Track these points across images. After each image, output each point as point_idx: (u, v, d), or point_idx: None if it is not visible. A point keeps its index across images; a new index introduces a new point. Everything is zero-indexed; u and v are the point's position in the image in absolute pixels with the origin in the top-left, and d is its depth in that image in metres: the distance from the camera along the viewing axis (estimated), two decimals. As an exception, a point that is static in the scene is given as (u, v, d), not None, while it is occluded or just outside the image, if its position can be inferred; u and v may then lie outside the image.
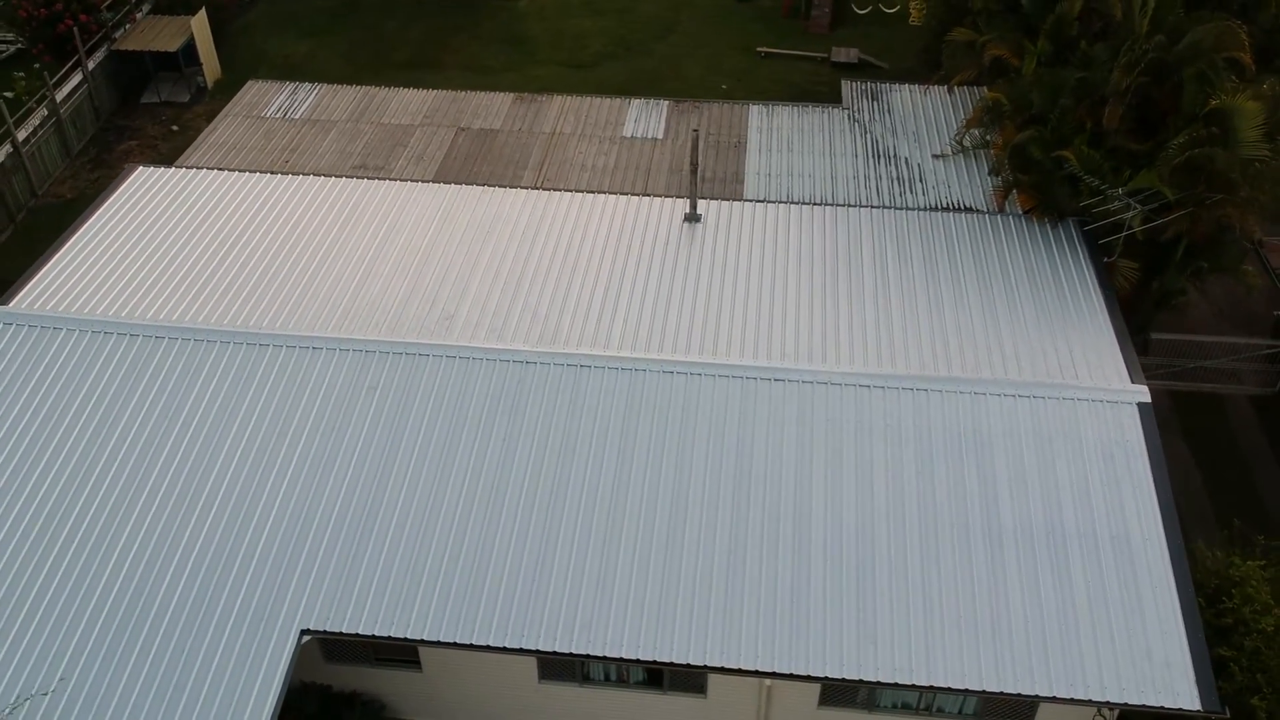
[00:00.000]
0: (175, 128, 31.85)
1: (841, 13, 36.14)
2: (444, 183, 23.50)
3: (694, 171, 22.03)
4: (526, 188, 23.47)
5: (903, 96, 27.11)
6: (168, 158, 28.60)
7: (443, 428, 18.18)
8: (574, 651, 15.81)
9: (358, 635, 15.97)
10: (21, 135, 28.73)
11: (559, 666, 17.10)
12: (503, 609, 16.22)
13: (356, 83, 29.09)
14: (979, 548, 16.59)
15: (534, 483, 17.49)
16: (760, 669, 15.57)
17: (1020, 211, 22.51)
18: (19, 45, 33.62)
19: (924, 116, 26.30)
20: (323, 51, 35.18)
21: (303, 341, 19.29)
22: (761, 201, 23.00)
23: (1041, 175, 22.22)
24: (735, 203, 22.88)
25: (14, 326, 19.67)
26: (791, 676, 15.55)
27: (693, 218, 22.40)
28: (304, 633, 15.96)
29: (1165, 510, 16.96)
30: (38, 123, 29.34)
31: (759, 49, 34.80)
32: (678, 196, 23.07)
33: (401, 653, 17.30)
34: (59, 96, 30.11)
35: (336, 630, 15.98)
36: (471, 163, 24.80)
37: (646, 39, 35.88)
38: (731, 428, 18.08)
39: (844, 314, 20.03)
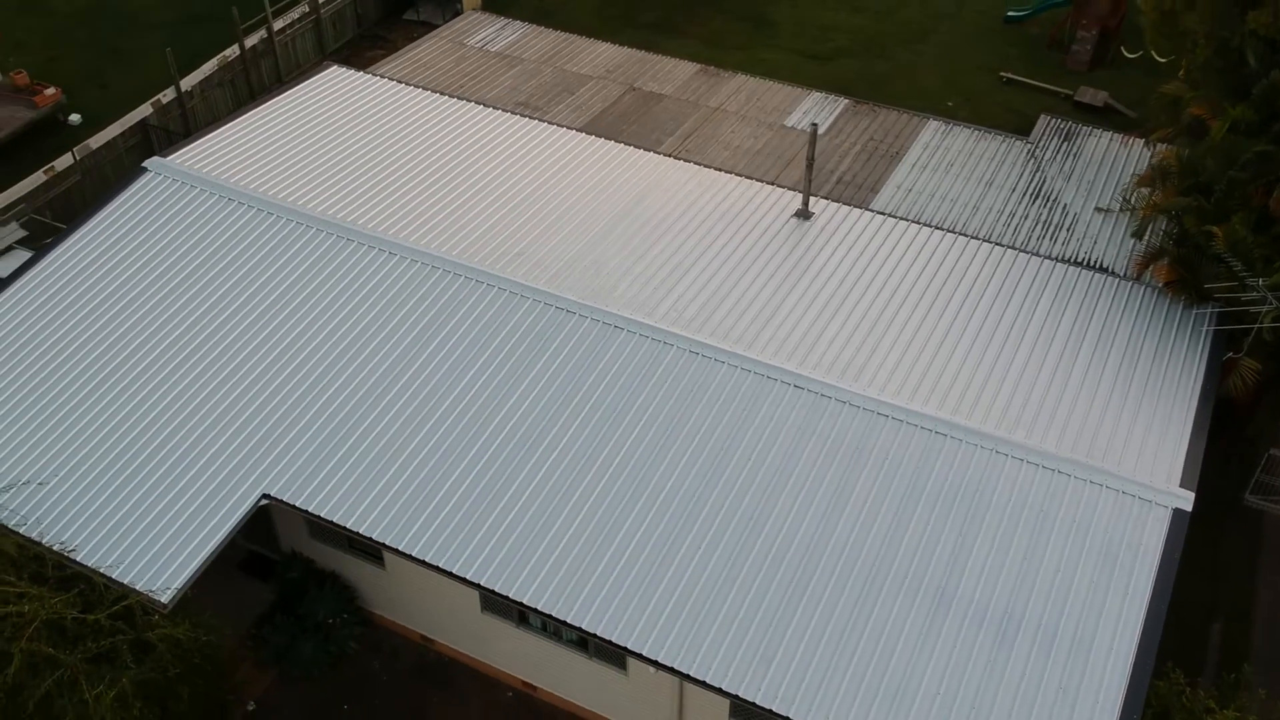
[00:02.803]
0: (421, 45, 34.13)
1: (1109, 53, 33.44)
2: (588, 134, 24.00)
3: (808, 167, 21.39)
4: (660, 153, 23.56)
5: (1098, 143, 25.02)
6: (395, 70, 30.81)
7: (464, 349, 18.79)
8: (485, 585, 16.06)
9: (308, 513, 16.96)
10: (278, 25, 31.75)
11: (499, 602, 17.39)
12: (450, 531, 16.63)
13: (597, 36, 30.08)
14: (922, 606, 15.41)
15: (519, 421, 17.80)
16: (646, 654, 15.24)
17: (1158, 284, 20.35)
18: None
19: (1109, 167, 24.16)
20: (577, 0, 36.48)
21: (379, 243, 20.45)
22: (883, 214, 22.00)
23: (1191, 250, 20.00)
24: (855, 209, 22.02)
25: (159, 176, 22.04)
26: (673, 670, 15.14)
27: (803, 214, 21.79)
28: (264, 496, 17.13)
29: (1148, 630, 15.08)
30: (296, 17, 32.31)
31: (1003, 73, 32.93)
32: (803, 192, 22.43)
33: (368, 546, 18.16)
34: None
35: (292, 503, 17.02)
36: (624, 121, 25.18)
37: (894, 43, 34.77)
38: (727, 420, 17.64)
39: (902, 341, 18.96)
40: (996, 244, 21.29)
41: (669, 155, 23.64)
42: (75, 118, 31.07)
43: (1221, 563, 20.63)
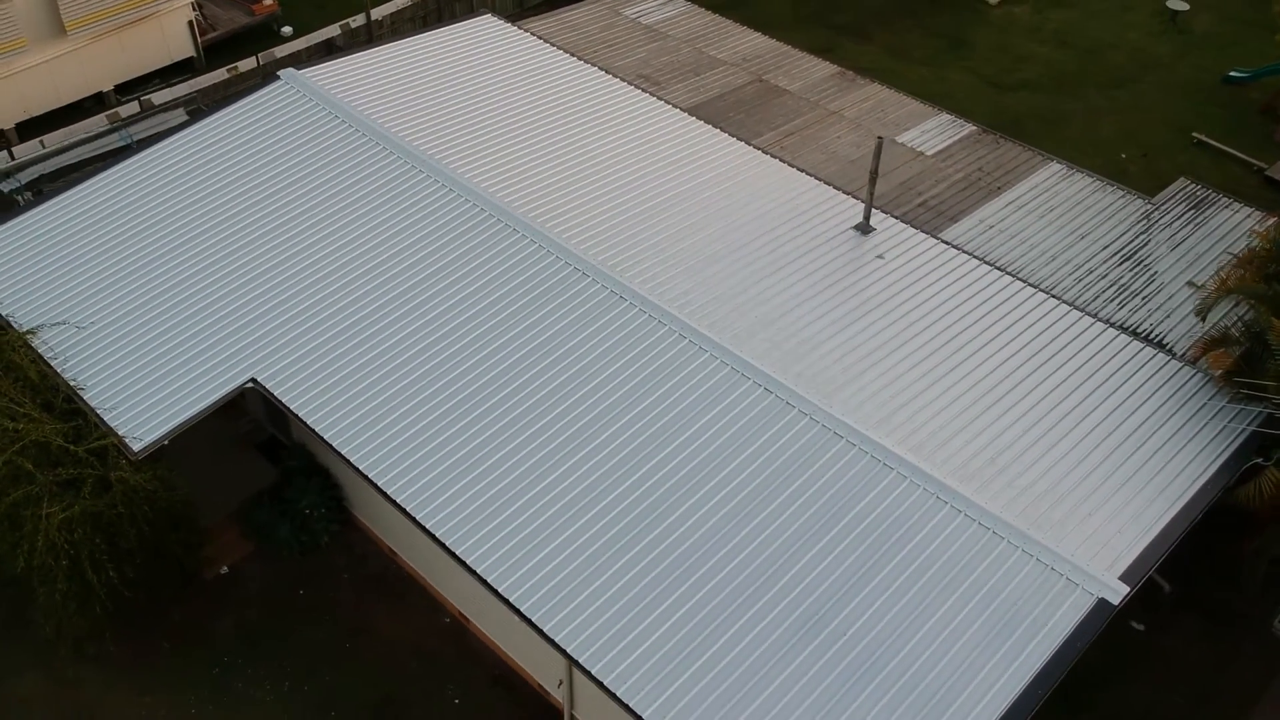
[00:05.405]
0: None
1: (1326, 134, 30.35)
2: (691, 115, 24.23)
3: (871, 180, 20.86)
4: (753, 145, 23.48)
5: (1230, 216, 22.99)
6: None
7: (475, 288, 19.60)
8: (402, 504, 16.81)
9: (280, 402, 18.30)
10: (482, -27, 33.62)
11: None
12: (390, 448, 17.41)
13: (786, 30, 30.09)
14: (792, 625, 15.05)
15: (496, 364, 18.43)
16: (515, 602, 15.63)
17: (1214, 372, 18.69)
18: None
19: (1228, 242, 22.14)
20: (777, -7, 36.47)
21: (440, 176, 21.56)
22: (948, 244, 21.17)
23: (1260, 344, 18.27)
24: (919, 233, 21.32)
25: (287, 85, 24.02)
26: (530, 622, 15.46)
27: (864, 228, 21.30)
28: (252, 380, 18.62)
29: (1018, 708, 14.15)
30: (502, -32, 34.10)
31: (1195, 134, 30.50)
32: (878, 208, 21.83)
33: (348, 451, 19.38)
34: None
35: (271, 392, 18.40)
36: (734, 109, 25.19)
37: (1088, 84, 32.83)
38: (685, 405, 17.70)
39: (896, 370, 18.39)
40: (1053, 296, 20.12)
41: (760, 149, 23.55)
42: (287, 30, 34.02)
43: (1220, 687, 18.79)
